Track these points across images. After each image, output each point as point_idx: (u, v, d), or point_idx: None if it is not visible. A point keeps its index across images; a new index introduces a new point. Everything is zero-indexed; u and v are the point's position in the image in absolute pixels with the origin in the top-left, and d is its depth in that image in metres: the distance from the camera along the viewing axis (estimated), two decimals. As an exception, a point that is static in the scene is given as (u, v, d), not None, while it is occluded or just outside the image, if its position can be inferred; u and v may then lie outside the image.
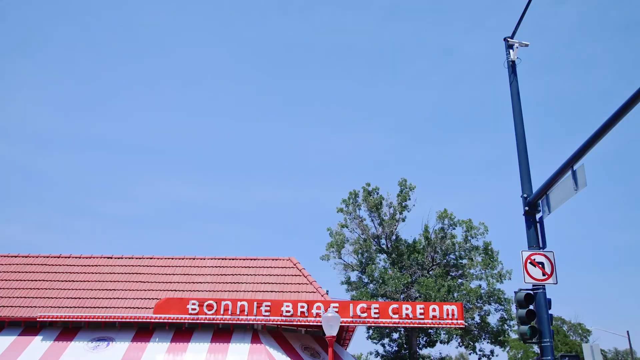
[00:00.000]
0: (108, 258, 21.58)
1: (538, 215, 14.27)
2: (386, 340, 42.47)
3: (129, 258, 21.61)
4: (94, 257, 21.61)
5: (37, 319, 17.02)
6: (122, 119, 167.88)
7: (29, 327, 17.54)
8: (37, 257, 21.52)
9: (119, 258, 21.61)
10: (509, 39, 14.92)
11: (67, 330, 17.43)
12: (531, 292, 13.87)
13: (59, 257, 21.52)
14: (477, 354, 40.54)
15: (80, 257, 21.59)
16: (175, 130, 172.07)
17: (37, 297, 18.71)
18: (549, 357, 13.27)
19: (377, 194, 42.09)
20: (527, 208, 14.33)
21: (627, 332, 49.01)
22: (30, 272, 20.30)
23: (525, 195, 14.45)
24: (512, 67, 15.05)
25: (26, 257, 21.48)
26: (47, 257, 21.52)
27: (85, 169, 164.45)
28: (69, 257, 21.57)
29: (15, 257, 21.46)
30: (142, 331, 17.40)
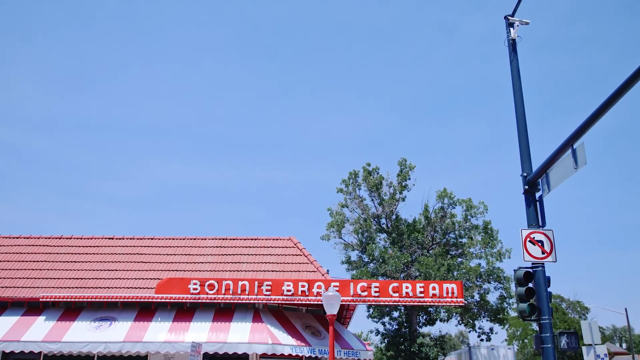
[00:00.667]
0: (109, 239, 21.70)
1: (538, 194, 14.31)
2: (386, 319, 42.86)
3: (130, 239, 21.74)
4: (95, 238, 21.72)
5: (40, 299, 17.17)
6: (120, 101, 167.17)
7: (32, 307, 17.69)
8: (38, 238, 21.64)
9: (120, 239, 21.72)
10: (509, 17, 14.82)
11: (70, 310, 17.59)
12: (530, 270, 13.97)
13: (60, 238, 21.64)
14: (476, 332, 40.94)
15: (81, 238, 21.71)
16: (174, 112, 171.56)
17: (39, 278, 18.85)
18: (548, 334, 13.40)
19: (377, 173, 42.15)
20: (526, 187, 14.36)
21: (625, 309, 49.43)
22: (32, 253, 20.44)
23: (525, 174, 14.46)
24: (512, 45, 14.96)
25: (27, 238, 21.60)
26: (49, 238, 21.65)
27: (84, 151, 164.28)
28: (70, 238, 21.68)
29: (17, 238, 21.58)
30: (144, 311, 17.56)
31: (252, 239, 21.69)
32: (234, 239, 21.73)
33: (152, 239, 21.70)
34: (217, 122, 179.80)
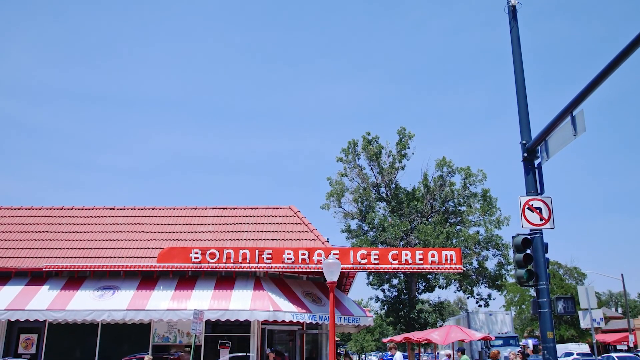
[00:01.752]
0: (110, 209, 21.79)
1: (536, 162, 14.31)
2: (386, 286, 43.35)
3: (131, 209, 21.83)
4: (96, 209, 21.81)
5: (43, 269, 17.33)
6: (119, 72, 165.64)
7: (36, 277, 17.88)
8: (40, 209, 21.73)
9: (121, 209, 21.81)
10: (509, -18, 14.58)
11: (73, 279, 17.78)
12: (528, 236, 14.07)
13: (61, 209, 21.73)
14: (474, 298, 41.45)
15: (82, 209, 21.81)
16: (173, 83, 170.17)
17: (42, 248, 19.00)
18: (545, 299, 13.57)
19: (377, 142, 42.09)
20: (525, 154, 14.35)
21: (622, 275, 49.98)
22: (34, 224, 20.56)
23: (524, 142, 14.44)
24: (512, 12, 14.77)
25: (29, 209, 21.69)
26: (50, 209, 21.74)
27: (84, 123, 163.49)
28: (71, 209, 21.78)
29: (19, 209, 21.68)
30: (147, 279, 17.75)
31: (252, 209, 21.79)
32: (234, 209, 21.82)
33: (153, 209, 21.80)
34: (217, 93, 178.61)
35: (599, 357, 37.92)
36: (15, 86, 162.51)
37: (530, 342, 50.43)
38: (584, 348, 46.28)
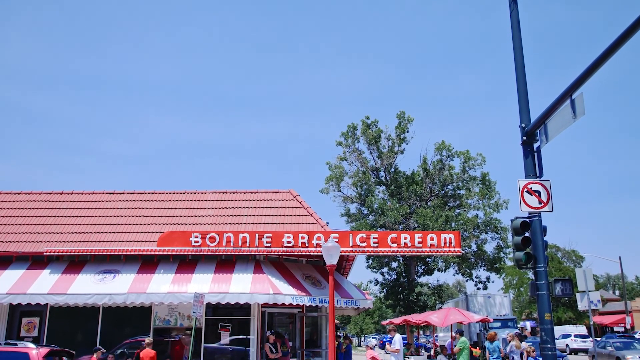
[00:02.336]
0: (110, 194, 21.83)
1: (536, 145, 14.33)
2: (385, 269, 43.59)
3: (131, 193, 21.86)
4: (96, 193, 21.85)
5: (44, 253, 17.40)
6: (118, 58, 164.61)
7: (37, 261, 17.95)
8: (39, 194, 21.76)
9: (120, 194, 21.85)
10: (510, -36, 14.46)
11: (74, 263, 17.86)
12: (527, 219, 14.13)
13: (61, 194, 21.76)
14: (473, 281, 41.72)
15: (82, 194, 21.84)
16: (172, 68, 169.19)
17: (42, 233, 19.06)
18: (543, 282, 13.67)
19: (376, 126, 42.06)
20: (524, 138, 14.36)
21: (619, 257, 50.31)
22: (34, 209, 20.60)
23: (523, 125, 14.45)
24: (513, -7, 14.67)
25: (29, 194, 21.73)
26: (50, 193, 21.77)
27: (83, 108, 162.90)
28: (71, 194, 21.81)
29: (19, 194, 21.71)
30: (147, 263, 17.83)
31: (252, 193, 21.83)
32: (234, 193, 21.87)
33: (152, 193, 21.83)
34: (216, 78, 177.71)
35: (599, 339, 38.28)
36: (14, 71, 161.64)
37: (529, 324, 50.82)
38: (582, 330, 46.67)
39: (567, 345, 42.58)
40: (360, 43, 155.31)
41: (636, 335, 42.42)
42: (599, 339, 42.62)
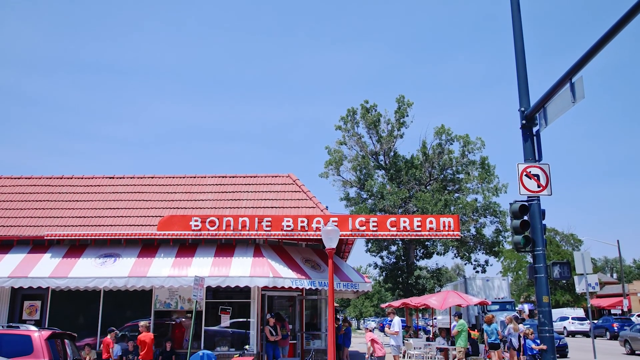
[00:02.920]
0: (110, 178, 21.84)
1: (535, 129, 14.34)
2: (384, 253, 43.81)
3: (131, 178, 21.87)
4: (96, 178, 21.87)
5: (45, 237, 17.46)
6: (118, 42, 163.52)
7: (37, 245, 18.02)
8: (39, 178, 21.78)
9: (120, 178, 21.86)
10: (511, -54, 14.35)
11: (75, 247, 17.93)
12: (526, 203, 14.19)
13: (61, 178, 21.78)
14: (472, 264, 41.98)
15: (82, 178, 21.86)
16: (172, 53, 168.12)
17: (43, 217, 19.11)
18: (541, 265, 13.76)
19: (375, 110, 42.01)
20: (524, 121, 14.36)
21: (617, 241, 50.49)
22: (34, 193, 20.63)
23: (522, 109, 14.44)
24: (513, -24, 14.57)
25: (29, 178, 21.74)
26: (50, 178, 21.79)
27: (83, 92, 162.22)
28: (71, 178, 21.83)
29: (19, 178, 21.73)
30: (147, 247, 17.91)
31: (251, 177, 21.85)
32: (233, 177, 21.88)
33: (152, 177, 21.85)
34: (216, 62, 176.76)
35: (596, 321, 38.64)
36: (12, 55, 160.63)
37: (526, 307, 51.18)
38: (579, 312, 47.01)
39: (564, 327, 42.94)
40: (360, 27, 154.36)
41: (633, 318, 42.81)
42: (595, 321, 43.00)
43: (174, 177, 21.85)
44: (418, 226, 17.52)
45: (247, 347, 16.77)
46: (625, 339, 26.54)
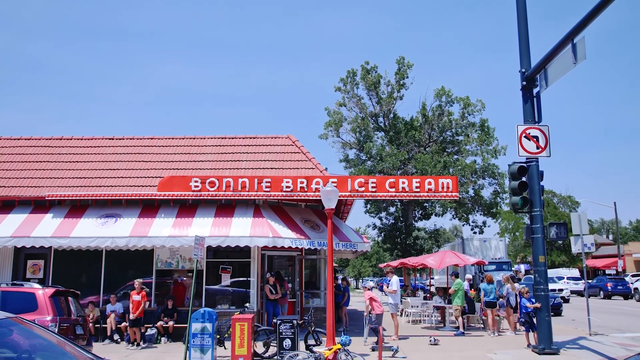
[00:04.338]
0: (109, 139, 21.81)
1: (535, 90, 14.31)
2: (383, 214, 44.11)
3: (130, 139, 21.84)
4: (95, 139, 21.83)
5: (46, 198, 17.57)
6: (118, 4, 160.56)
7: (39, 205, 18.13)
8: (39, 139, 21.75)
9: (120, 139, 21.83)
10: None
11: (76, 207, 18.06)
12: (524, 164, 14.27)
13: (61, 139, 21.75)
14: (470, 225, 42.32)
15: (82, 139, 21.83)
16: (172, 14, 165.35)
17: (43, 178, 19.18)
18: (538, 225, 13.94)
19: (375, 72, 41.63)
20: (524, 83, 14.32)
21: (614, 203, 50.83)
22: (34, 154, 20.64)
23: (523, 70, 14.38)
24: None
25: (29, 139, 21.71)
26: (50, 139, 21.76)
27: (83, 55, 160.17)
28: (71, 139, 21.80)
29: (18, 139, 21.69)
30: (148, 208, 18.03)
31: (251, 138, 21.83)
32: (233, 138, 21.87)
33: (152, 138, 21.82)
34: (216, 24, 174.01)
35: (591, 281, 39.19)
36: (11, 18, 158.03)
37: (523, 267, 51.86)
38: (574, 273, 47.70)
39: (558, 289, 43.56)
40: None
41: (627, 278, 43.47)
42: (590, 281, 43.64)
43: (173, 138, 21.83)
44: (417, 187, 17.62)
45: (247, 305, 17.09)
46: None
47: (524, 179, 14.21)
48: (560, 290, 37.30)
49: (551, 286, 33.90)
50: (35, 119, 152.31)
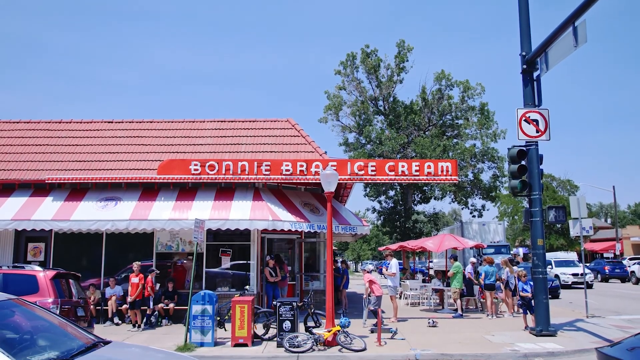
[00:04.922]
0: (109, 122, 21.78)
1: (535, 74, 14.27)
2: (382, 198, 44.17)
3: (129, 122, 21.81)
4: (94, 122, 21.80)
5: (46, 181, 17.59)
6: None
7: (39, 188, 18.16)
8: (39, 122, 21.71)
9: (119, 122, 21.80)
10: None
11: (76, 191, 18.09)
12: (524, 148, 14.27)
13: (60, 123, 21.71)
14: (469, 209, 42.39)
15: (81, 122, 21.79)
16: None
17: (43, 161, 19.18)
18: (537, 209, 13.99)
19: (375, 55, 41.41)
20: (525, 66, 14.27)
21: (613, 187, 50.93)
22: (33, 137, 20.62)
23: (524, 53, 14.32)
24: None
25: (28, 122, 21.67)
26: (49, 122, 21.72)
27: (81, 35, 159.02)
28: (70, 122, 21.76)
29: (17, 123, 21.66)
30: (148, 191, 18.06)
31: (250, 121, 21.80)
32: (232, 121, 21.83)
33: (151, 122, 21.79)
34: (216, 6, 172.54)
35: (588, 264, 39.40)
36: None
37: (521, 251, 52.11)
38: (572, 256, 47.91)
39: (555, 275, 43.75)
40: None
41: (624, 261, 43.70)
42: (588, 264, 43.86)
43: (173, 122, 21.79)
44: (416, 170, 17.64)
45: (247, 287, 17.20)
46: None
47: (523, 162, 14.23)
48: (582, 274, 33.59)
49: (569, 270, 34.04)
50: (33, 101, 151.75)
